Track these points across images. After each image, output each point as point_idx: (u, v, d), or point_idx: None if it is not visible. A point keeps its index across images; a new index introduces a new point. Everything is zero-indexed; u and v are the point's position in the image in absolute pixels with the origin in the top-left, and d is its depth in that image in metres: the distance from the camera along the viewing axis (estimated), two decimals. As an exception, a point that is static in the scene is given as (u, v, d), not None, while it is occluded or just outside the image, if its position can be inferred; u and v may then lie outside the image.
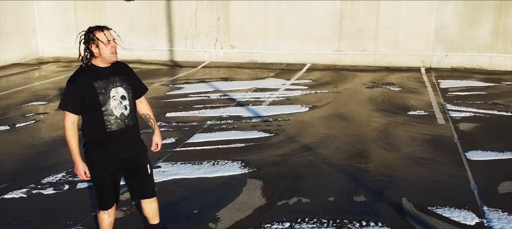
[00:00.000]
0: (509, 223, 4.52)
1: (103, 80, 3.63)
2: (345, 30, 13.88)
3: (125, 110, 3.69)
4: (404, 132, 7.44)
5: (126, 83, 3.74)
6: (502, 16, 12.91)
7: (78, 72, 3.65)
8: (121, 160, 3.72)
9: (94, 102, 3.58)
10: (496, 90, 10.46)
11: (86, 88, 3.57)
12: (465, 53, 13.30)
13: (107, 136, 3.64)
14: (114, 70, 3.72)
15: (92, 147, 3.67)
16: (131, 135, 3.77)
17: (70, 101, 3.59)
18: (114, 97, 3.64)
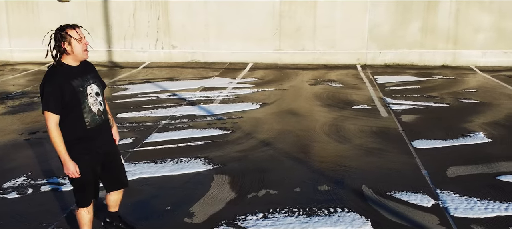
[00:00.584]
0: (462, 203, 4.98)
1: (78, 78, 3.72)
2: (284, 30, 14.28)
3: (100, 106, 3.85)
4: (353, 125, 7.86)
5: (97, 80, 3.89)
6: (430, 14, 13.80)
7: (53, 72, 3.67)
8: (100, 154, 3.86)
9: (74, 101, 3.66)
10: (429, 84, 11.20)
11: (65, 87, 3.63)
12: (397, 50, 14.08)
13: (87, 132, 3.74)
14: (84, 68, 3.83)
15: (72, 145, 3.70)
16: (106, 129, 3.96)
17: (53, 102, 3.60)
18: (90, 94, 3.77)
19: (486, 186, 5.39)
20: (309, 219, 4.69)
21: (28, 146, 6.96)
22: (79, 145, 3.73)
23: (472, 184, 5.45)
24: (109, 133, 4.01)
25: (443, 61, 14.00)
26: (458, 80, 11.75)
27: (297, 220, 4.68)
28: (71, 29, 3.67)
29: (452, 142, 6.96)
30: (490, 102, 9.35)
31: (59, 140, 3.64)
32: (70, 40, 3.65)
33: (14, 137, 7.36)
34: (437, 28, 13.88)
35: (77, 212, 3.97)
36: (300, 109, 8.95)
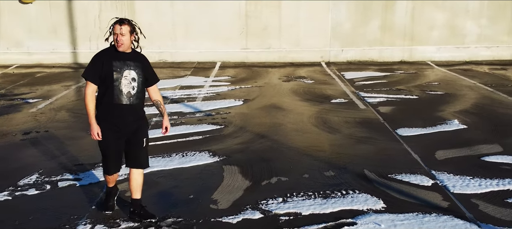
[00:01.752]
0: (457, 181, 5.52)
1: (121, 61, 4.35)
2: (251, 29, 14.65)
3: (132, 90, 4.39)
4: (336, 117, 8.34)
5: (139, 69, 4.44)
6: (388, 13, 14.58)
7: (103, 50, 4.41)
8: (123, 131, 4.41)
9: (109, 77, 4.28)
10: (394, 79, 11.89)
11: (106, 63, 4.29)
12: (358, 47, 14.77)
13: (113, 107, 4.33)
14: (132, 56, 4.43)
15: (101, 114, 4.36)
16: (134, 111, 4.45)
17: (92, 71, 4.32)
18: (125, 77, 4.34)
19: (474, 166, 5.98)
20: (326, 200, 5.08)
21: (28, 146, 6.97)
22: (106, 116, 4.37)
23: (461, 165, 6.02)
24: (137, 115, 4.49)
25: (401, 57, 14.82)
26: (418, 74, 12.51)
27: (316, 202, 5.05)
28: (115, 24, 4.32)
29: (432, 129, 7.56)
30: (455, 93, 10.10)
31: (90, 105, 4.33)
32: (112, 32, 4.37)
33: (10, 139, 7.33)
34: (395, 26, 14.68)
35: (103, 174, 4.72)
36: (282, 104, 9.35)
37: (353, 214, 4.78)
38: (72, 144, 7.04)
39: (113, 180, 4.76)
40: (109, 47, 4.43)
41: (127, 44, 4.35)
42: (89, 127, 4.39)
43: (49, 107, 9.30)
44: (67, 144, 7.04)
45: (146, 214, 4.67)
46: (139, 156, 4.56)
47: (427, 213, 4.75)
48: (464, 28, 14.73)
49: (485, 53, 14.81)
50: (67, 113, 8.81)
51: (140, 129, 4.53)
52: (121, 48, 4.34)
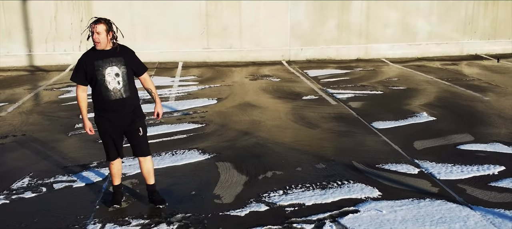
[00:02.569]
0: (441, 168, 5.90)
1: (102, 59, 4.53)
2: (212, 29, 14.74)
3: (117, 85, 4.58)
4: (312, 113, 8.62)
5: (121, 63, 4.60)
6: (344, 12, 15.08)
7: (86, 52, 4.63)
8: (118, 124, 4.67)
9: (94, 77, 4.52)
10: (355, 76, 12.34)
11: (88, 65, 4.52)
12: (317, 46, 15.19)
13: (105, 104, 4.59)
14: (112, 53, 4.58)
15: (96, 112, 4.68)
16: (126, 104, 4.64)
17: (77, 74, 4.59)
18: (109, 74, 4.53)
19: (453, 155, 6.39)
20: (325, 191, 5.31)
21: (10, 150, 6.80)
22: (100, 114, 4.66)
23: (440, 154, 6.42)
24: (129, 107, 4.68)
25: (357, 55, 15.36)
26: (376, 71, 13.04)
27: (315, 193, 5.27)
28: (91, 23, 4.48)
29: (405, 122, 7.97)
30: (416, 88, 10.63)
31: (82, 104, 4.68)
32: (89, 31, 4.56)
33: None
34: (351, 25, 15.20)
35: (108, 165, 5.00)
36: (256, 101, 9.53)
37: (353, 203, 5.02)
38: (54, 147, 6.93)
39: (117, 173, 4.99)
40: (91, 48, 4.61)
41: (103, 42, 4.50)
42: (83, 123, 4.78)
43: (18, 110, 9.04)
44: (50, 147, 6.91)
45: (157, 199, 4.93)
46: (140, 144, 4.84)
47: (421, 199, 5.06)
48: (415, 26, 15.45)
49: (435, 50, 15.60)
50: (40, 116, 8.61)
51: (135, 120, 4.74)
52: (98, 46, 4.50)
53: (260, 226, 4.55)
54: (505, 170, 5.79)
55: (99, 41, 4.47)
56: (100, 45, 4.49)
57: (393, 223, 4.55)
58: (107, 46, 4.55)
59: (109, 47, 4.57)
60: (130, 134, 4.77)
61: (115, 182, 5.02)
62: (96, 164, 6.25)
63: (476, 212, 4.74)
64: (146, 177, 4.98)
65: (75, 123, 8.11)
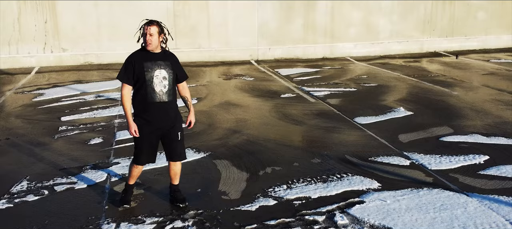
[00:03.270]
0: (430, 159, 6.20)
1: (151, 61, 4.57)
2: (180, 29, 14.72)
3: (164, 88, 4.62)
4: (294, 110, 8.81)
5: (169, 68, 4.66)
6: (310, 12, 15.39)
7: (135, 52, 4.64)
8: (157, 127, 4.65)
9: (141, 78, 4.52)
10: (325, 74, 12.65)
11: (137, 65, 4.53)
12: (284, 45, 15.43)
13: (147, 105, 4.58)
14: (162, 56, 4.65)
15: (138, 112, 4.64)
16: (167, 108, 4.68)
17: (125, 74, 4.57)
18: (157, 76, 4.56)
19: (438, 146, 6.73)
20: (327, 184, 5.50)
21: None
22: (141, 116, 4.64)
23: (426, 146, 6.74)
24: (170, 111, 4.72)
25: (323, 54, 15.71)
26: (344, 69, 13.40)
27: (318, 186, 5.45)
28: (144, 25, 4.56)
29: (385, 117, 8.29)
30: (386, 85, 11.03)
31: (127, 104, 4.60)
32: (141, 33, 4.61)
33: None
34: (317, 25, 15.53)
35: (131, 166, 4.89)
36: (236, 100, 9.64)
37: (357, 194, 5.23)
38: (43, 150, 6.81)
39: (136, 175, 4.98)
40: (140, 49, 4.66)
41: (155, 44, 4.56)
42: (128, 124, 4.62)
43: (-6, 114, 8.79)
44: (38, 150, 6.79)
45: (179, 197, 5.01)
46: (177, 149, 4.84)
47: (420, 188, 5.33)
48: (378, 25, 15.96)
49: (397, 48, 16.16)
50: (19, 120, 8.40)
51: (176, 124, 4.78)
52: (149, 47, 4.56)
53: (273, 220, 4.68)
54: (490, 159, 6.15)
55: (151, 43, 4.50)
56: (151, 46, 4.52)
57: (399, 212, 4.78)
58: (157, 49, 4.60)
59: (158, 50, 4.62)
60: (169, 138, 4.76)
61: (130, 181, 5.00)
62: (92, 165, 6.20)
63: (473, 199, 5.04)
64: (173, 178, 5.03)
65: (58, 126, 7.97)
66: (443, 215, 4.69)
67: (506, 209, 4.78)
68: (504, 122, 7.79)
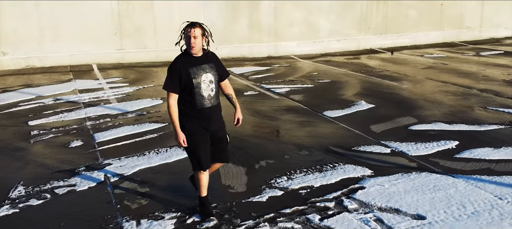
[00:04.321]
0: (407, 146, 6.69)
1: (196, 66, 4.41)
2: (125, 30, 14.50)
3: (211, 92, 4.49)
4: (263, 107, 9.08)
5: (213, 70, 4.52)
6: (254, 12, 15.72)
7: (177, 58, 4.45)
8: (209, 131, 4.53)
9: (188, 85, 4.36)
10: (277, 72, 13.01)
11: (183, 72, 4.35)
12: (230, 45, 15.64)
13: (197, 112, 4.44)
14: (205, 59, 4.49)
15: (185, 120, 4.45)
16: (215, 112, 4.58)
17: (171, 83, 4.38)
18: (204, 81, 4.42)
19: (410, 135, 7.25)
20: (324, 174, 5.80)
21: (-24, 161, 6.34)
22: (190, 121, 4.47)
23: (399, 135, 7.25)
24: (218, 115, 4.62)
25: (268, 53, 16.09)
26: (293, 67, 13.85)
27: (316, 176, 5.75)
28: (187, 27, 4.37)
29: (350, 110, 8.75)
30: (339, 80, 11.57)
31: (173, 115, 4.40)
32: (184, 36, 4.40)
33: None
34: (261, 24, 15.89)
35: (197, 175, 4.64)
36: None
37: (354, 181, 5.58)
38: (25, 155, 6.61)
39: (206, 183, 4.69)
40: (182, 54, 4.48)
41: (199, 47, 4.40)
42: (175, 134, 4.45)
43: (-50, 121, 8.30)
44: (20, 155, 6.59)
45: None
46: (224, 151, 4.75)
47: (409, 173, 5.77)
48: (318, 24, 16.58)
49: (336, 46, 16.87)
50: (-19, 125, 8.01)
51: (223, 126, 4.71)
52: (193, 50, 4.39)
53: (287, 208, 4.92)
54: (460, 144, 6.75)
55: (195, 46, 4.33)
56: (195, 50, 4.36)
57: (400, 194, 5.18)
58: (199, 52, 4.43)
59: (200, 53, 4.45)
60: (217, 141, 4.64)
61: (203, 193, 4.72)
62: (84, 167, 6.11)
63: (459, 180, 5.55)
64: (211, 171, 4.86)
65: (28, 130, 7.71)
66: (439, 195, 5.14)
67: (491, 187, 5.32)
68: (459, 111, 8.50)
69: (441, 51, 16.29)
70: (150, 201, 5.14)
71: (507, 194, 5.11)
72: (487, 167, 5.92)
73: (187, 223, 4.68)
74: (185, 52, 4.46)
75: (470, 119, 7.94)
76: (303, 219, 4.71)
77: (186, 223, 4.68)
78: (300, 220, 4.68)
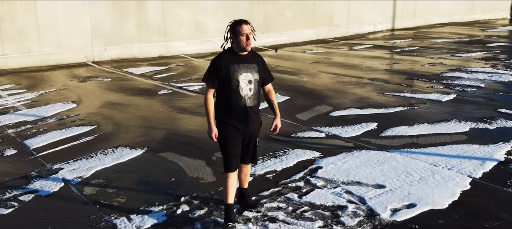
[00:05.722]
0: (336, 129, 7.40)
1: (238, 64, 4.31)
2: (6, 34, 13.54)
3: (249, 92, 4.35)
4: (185, 104, 9.25)
5: (255, 70, 4.39)
6: (142, 12, 15.63)
7: (221, 54, 4.36)
8: (241, 131, 4.41)
9: (226, 81, 4.27)
10: (178, 70, 13.14)
11: (224, 67, 4.26)
12: (120, 45, 15.36)
13: (233, 110, 4.33)
14: (249, 57, 4.38)
15: (220, 117, 4.39)
16: (252, 112, 4.42)
17: (211, 76, 4.31)
18: (243, 80, 4.31)
19: (332, 120, 7.99)
20: (280, 159, 6.22)
21: None
22: (225, 120, 4.38)
23: (325, 121, 7.97)
24: (254, 115, 4.46)
25: (159, 53, 16.09)
26: (191, 66, 14.06)
27: (274, 161, 6.16)
28: (241, 24, 4.26)
29: (270, 102, 9.31)
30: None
31: (210, 107, 4.33)
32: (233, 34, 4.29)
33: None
34: (150, 24, 15.83)
35: (226, 176, 4.52)
36: (119, 100, 9.60)
37: (310, 163, 6.12)
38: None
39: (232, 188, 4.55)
40: (225, 52, 4.38)
41: (251, 45, 4.30)
42: (209, 128, 4.36)
43: None
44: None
45: (248, 203, 4.89)
46: (254, 153, 4.65)
47: (350, 152, 6.47)
48: (206, 23, 16.96)
49: (223, 44, 17.37)
50: None
51: (257, 129, 4.57)
52: (248, 48, 4.29)
53: (265, 191, 5.30)
54: (379, 125, 7.65)
55: (249, 44, 4.22)
56: (249, 48, 4.26)
57: (354, 169, 5.85)
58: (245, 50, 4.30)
59: (246, 52, 4.33)
60: (249, 143, 4.52)
61: (229, 200, 4.52)
62: (35, 175, 5.86)
63: (395, 153, 6.39)
64: (244, 180, 4.85)
65: None
66: (386, 167, 5.91)
67: (423, 157, 6.23)
68: (362, 97, 9.53)
69: (318, 47, 17.64)
70: (128, 198, 5.16)
71: (439, 162, 6.04)
72: (411, 142, 6.85)
73: (178, 213, 4.83)
74: (230, 50, 4.36)
75: (376, 104, 8.96)
76: (284, 198, 5.13)
77: (177, 213, 4.82)
78: (282, 200, 5.09)
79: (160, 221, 4.67)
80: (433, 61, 13.65)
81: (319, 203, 5.00)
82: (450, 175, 5.63)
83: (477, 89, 10.00)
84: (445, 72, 11.85)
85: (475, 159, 6.09)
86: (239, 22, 4.27)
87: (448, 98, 9.28)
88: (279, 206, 4.96)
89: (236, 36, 4.26)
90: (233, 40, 4.31)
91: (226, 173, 4.51)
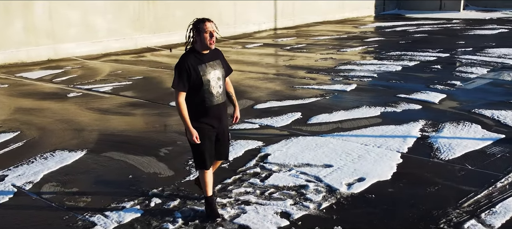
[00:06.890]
0: (268, 120, 7.85)
1: (205, 63, 4.31)
2: None
3: (219, 89, 4.41)
4: (106, 105, 9.09)
5: (220, 66, 4.44)
6: (28, 14, 14.81)
7: (185, 56, 4.31)
8: (215, 129, 4.48)
9: (197, 82, 4.27)
10: (77, 73, 12.70)
11: (192, 70, 4.24)
12: (6, 50, 14.39)
13: (206, 110, 4.36)
14: (212, 55, 4.40)
15: (196, 118, 4.37)
16: (222, 109, 4.49)
17: (180, 81, 4.25)
18: (213, 78, 4.33)
19: (260, 113, 8.38)
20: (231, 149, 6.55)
21: None
22: (199, 119, 4.38)
23: (253, 113, 8.34)
24: (225, 112, 4.53)
25: (48, 56, 15.32)
26: (88, 68, 13.62)
27: (222, 152, 6.46)
28: (204, 22, 4.25)
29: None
30: (151, 76, 12.07)
31: (184, 113, 4.30)
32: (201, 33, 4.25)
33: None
34: (37, 27, 15.03)
35: (201, 174, 4.57)
36: (31, 105, 9.15)
37: (257, 151, 6.46)
38: None
39: (211, 182, 4.63)
40: (189, 51, 4.33)
41: None
42: (188, 132, 4.32)
43: None
44: None
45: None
46: (226, 149, 4.75)
47: (289, 139, 6.91)
48: (96, 24, 16.47)
49: (115, 45, 17.02)
50: None
51: (227, 125, 4.63)
52: (212, 46, 4.29)
53: (227, 178, 5.57)
54: (303, 114, 8.22)
55: (214, 42, 4.22)
56: (213, 46, 4.27)
57: (300, 153, 6.33)
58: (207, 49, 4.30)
59: (208, 50, 4.32)
60: (222, 139, 4.58)
61: (208, 192, 4.61)
62: (-20, 183, 5.52)
63: (328, 137, 6.99)
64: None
65: None
66: (326, 149, 6.48)
67: (353, 139, 6.91)
68: (277, 91, 10.10)
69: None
70: (93, 198, 5.12)
71: (368, 142, 6.76)
72: (337, 127, 7.52)
73: (152, 206, 4.92)
74: (192, 49, 4.34)
75: (291, 96, 9.58)
76: (248, 183, 5.45)
77: (151, 206, 4.92)
78: (247, 184, 5.41)
79: (138, 214, 4.73)
80: (323, 56, 14.70)
81: (282, 185, 5.39)
82: (382, 152, 6.35)
83: (372, 79, 11.08)
84: (338, 66, 12.89)
85: (397, 137, 6.90)
86: (203, 20, 4.26)
87: (351, 87, 10.19)
88: (246, 190, 5.26)
89: (200, 34, 4.24)
90: (197, 38, 4.29)
91: (202, 170, 4.55)
